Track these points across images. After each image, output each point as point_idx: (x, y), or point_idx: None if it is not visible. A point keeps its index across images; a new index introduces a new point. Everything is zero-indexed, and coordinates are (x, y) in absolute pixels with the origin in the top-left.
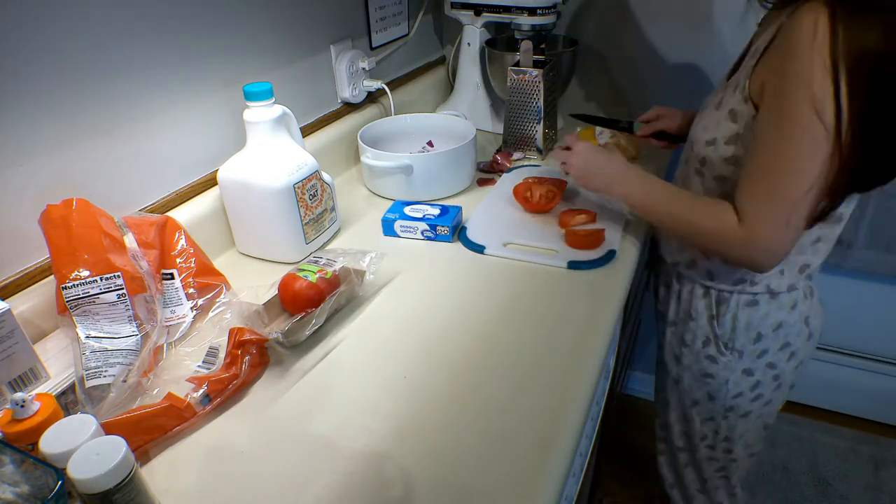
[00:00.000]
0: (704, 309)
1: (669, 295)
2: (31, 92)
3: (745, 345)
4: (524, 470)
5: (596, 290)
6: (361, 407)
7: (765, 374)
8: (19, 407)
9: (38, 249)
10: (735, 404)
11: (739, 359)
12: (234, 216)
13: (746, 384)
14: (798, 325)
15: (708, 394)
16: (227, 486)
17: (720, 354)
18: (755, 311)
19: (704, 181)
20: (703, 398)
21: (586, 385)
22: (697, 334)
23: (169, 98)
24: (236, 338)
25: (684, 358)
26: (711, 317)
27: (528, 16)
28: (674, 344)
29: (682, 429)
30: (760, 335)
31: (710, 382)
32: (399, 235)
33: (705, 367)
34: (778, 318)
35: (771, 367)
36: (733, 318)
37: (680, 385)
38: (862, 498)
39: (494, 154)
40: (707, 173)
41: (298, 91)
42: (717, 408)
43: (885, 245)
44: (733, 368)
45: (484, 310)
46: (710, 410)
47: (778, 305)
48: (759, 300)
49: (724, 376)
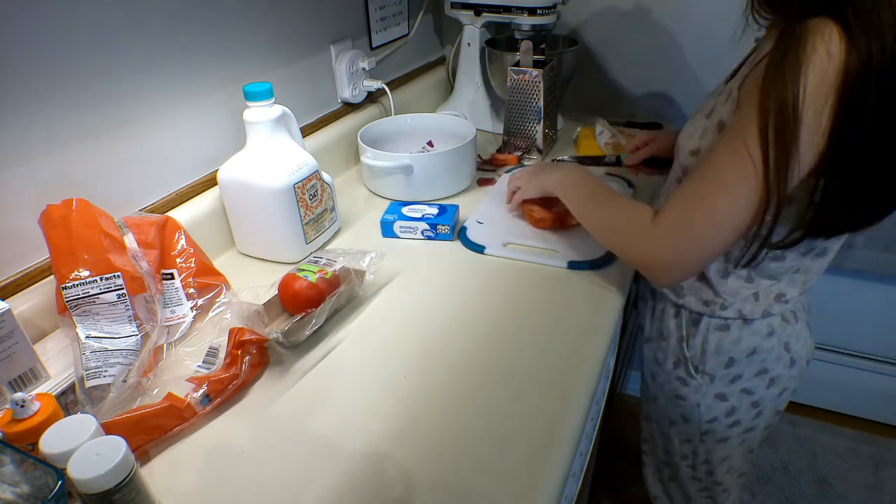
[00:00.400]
0: (675, 329)
1: (646, 309)
2: (31, 92)
3: (715, 369)
4: (524, 470)
5: (596, 290)
6: (361, 407)
7: (740, 399)
8: (19, 407)
9: (38, 249)
10: (710, 429)
11: (711, 383)
12: (234, 216)
13: (720, 409)
14: (776, 350)
15: (682, 415)
16: (227, 486)
17: (689, 377)
18: (726, 335)
19: None
20: (678, 419)
21: (586, 385)
22: (668, 354)
23: (169, 98)
24: (236, 338)
25: (658, 376)
26: (681, 338)
27: (528, 16)
28: (649, 361)
29: (664, 445)
30: (732, 360)
31: (681, 404)
32: (399, 236)
33: (676, 389)
34: (751, 344)
35: (747, 392)
36: (703, 341)
37: (657, 403)
38: (862, 498)
39: (494, 154)
40: None
41: (298, 91)
42: (693, 430)
43: (885, 245)
44: (704, 392)
45: (484, 310)
46: (686, 432)
47: (751, 331)
48: (731, 325)
49: (696, 399)
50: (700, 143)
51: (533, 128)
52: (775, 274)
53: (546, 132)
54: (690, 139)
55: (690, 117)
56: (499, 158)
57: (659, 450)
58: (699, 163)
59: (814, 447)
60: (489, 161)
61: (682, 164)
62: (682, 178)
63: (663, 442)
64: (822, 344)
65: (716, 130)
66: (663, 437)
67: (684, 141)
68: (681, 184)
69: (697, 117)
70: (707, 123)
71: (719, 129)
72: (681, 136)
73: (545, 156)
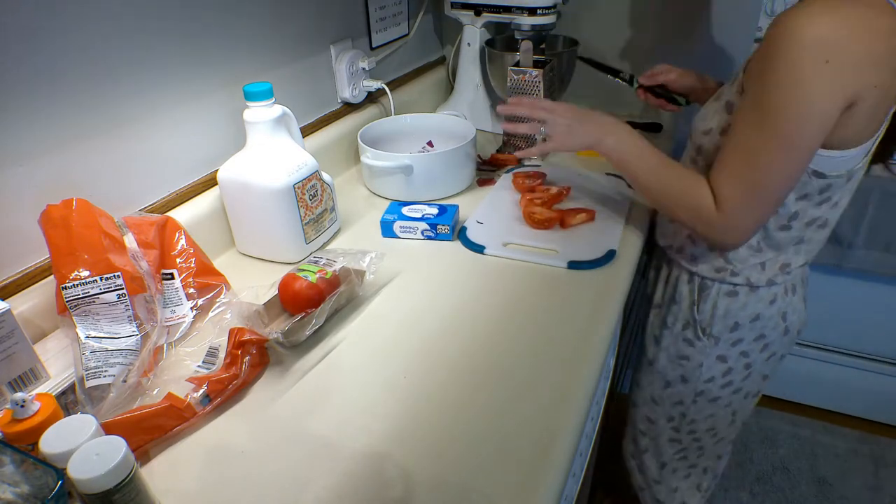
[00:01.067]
0: (687, 294)
1: (658, 278)
2: (31, 92)
3: (721, 332)
4: (524, 470)
5: (596, 291)
6: (361, 407)
7: (737, 361)
8: (19, 407)
9: (38, 249)
10: (706, 388)
11: (715, 345)
12: (234, 216)
13: (719, 370)
14: (775, 319)
15: (681, 376)
16: (227, 486)
17: (697, 339)
18: (734, 301)
19: (698, 169)
20: (675, 380)
21: (586, 385)
22: (679, 317)
23: (169, 98)
24: (236, 338)
25: (664, 339)
26: (693, 302)
27: (528, 16)
28: (655, 325)
29: (649, 412)
30: (737, 324)
31: (684, 364)
32: (399, 236)
33: (682, 349)
34: (756, 311)
35: (744, 355)
36: (713, 305)
37: (654, 366)
38: (862, 498)
39: (494, 154)
40: (701, 161)
41: (298, 91)
42: (688, 391)
43: (884, 245)
44: (708, 353)
45: (484, 310)
46: (680, 393)
47: (757, 298)
48: (739, 291)
49: (699, 360)
50: (711, 124)
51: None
52: (781, 244)
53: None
54: (703, 120)
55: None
56: (499, 158)
57: (639, 417)
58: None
59: (814, 447)
60: (489, 161)
61: (695, 144)
62: (696, 156)
63: (648, 408)
64: (822, 344)
65: (724, 110)
66: (651, 401)
67: (698, 122)
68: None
69: (709, 101)
70: (717, 105)
71: (727, 110)
72: (695, 118)
73: (545, 156)
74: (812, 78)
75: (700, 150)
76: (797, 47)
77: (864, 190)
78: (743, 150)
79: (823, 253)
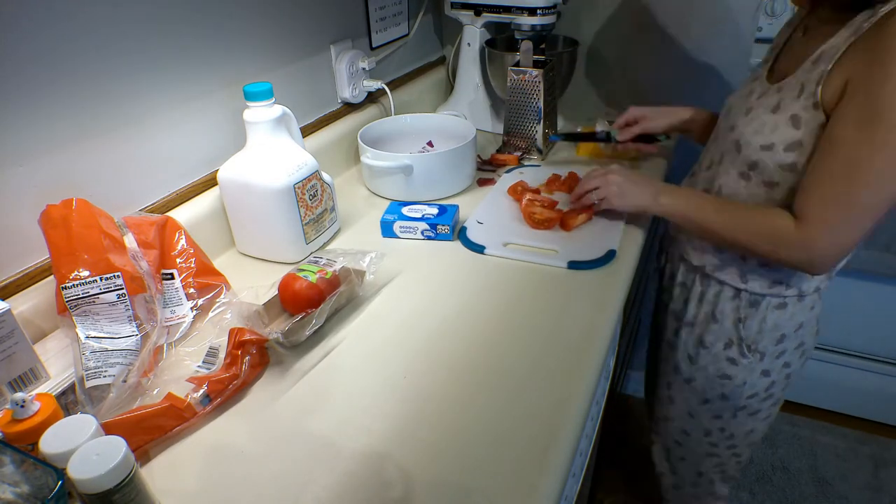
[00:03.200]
0: (731, 311)
1: (689, 295)
2: (31, 92)
3: (767, 346)
4: (524, 470)
5: (596, 291)
6: (361, 407)
7: (780, 373)
8: (19, 407)
9: (38, 249)
10: (748, 404)
11: (760, 360)
12: (234, 216)
13: (762, 385)
14: (812, 324)
15: (722, 394)
16: (227, 486)
17: (742, 356)
18: (783, 313)
19: (750, 185)
20: (715, 398)
21: (586, 385)
22: (720, 336)
23: (169, 98)
24: (236, 338)
25: (701, 359)
26: (738, 319)
27: (528, 16)
28: (689, 344)
29: (683, 425)
30: (784, 336)
31: (726, 383)
32: (398, 237)
33: (723, 369)
34: (801, 319)
35: (786, 366)
36: (761, 320)
37: (692, 384)
38: (862, 498)
39: (494, 154)
40: (755, 177)
41: (298, 91)
42: (728, 406)
43: (885, 245)
44: (753, 370)
45: (484, 310)
46: (719, 409)
47: (802, 307)
48: (788, 302)
49: (743, 378)
50: (772, 138)
51: (533, 128)
52: None
53: (546, 132)
54: (758, 135)
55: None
56: (499, 158)
57: (674, 430)
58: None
59: (814, 447)
60: (489, 161)
61: (748, 158)
62: (749, 172)
63: (683, 422)
64: (823, 344)
65: (789, 125)
66: (687, 415)
67: (750, 136)
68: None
69: (757, 112)
70: (777, 118)
71: (794, 124)
72: (743, 130)
73: (545, 156)
74: None
75: (756, 166)
76: None
77: None
78: (842, 165)
79: None
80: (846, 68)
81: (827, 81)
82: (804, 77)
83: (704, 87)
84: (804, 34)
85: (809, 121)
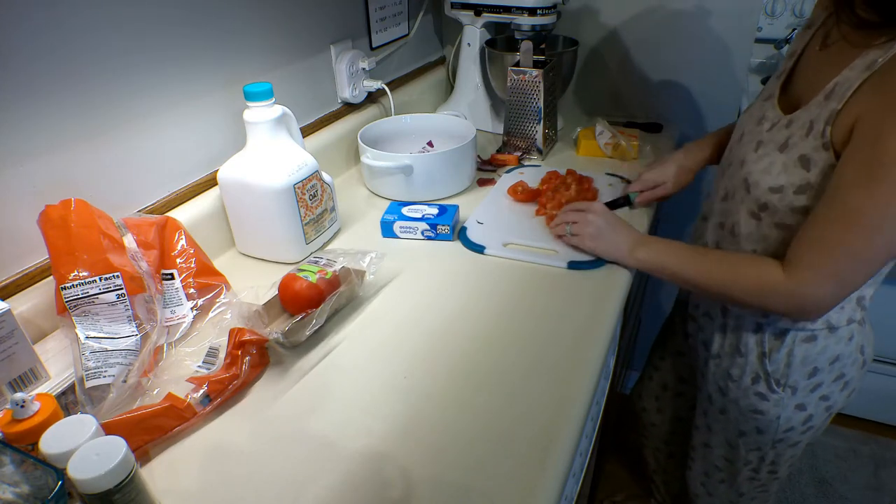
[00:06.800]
0: (755, 345)
1: (713, 325)
2: (30, 92)
3: (798, 381)
4: (524, 470)
5: (596, 291)
6: (361, 407)
7: (817, 406)
8: (19, 407)
9: (38, 250)
10: (785, 437)
11: (792, 395)
12: (235, 216)
13: (798, 419)
14: (853, 355)
15: (756, 427)
16: (227, 486)
17: (771, 392)
18: (813, 346)
19: (761, 226)
20: (750, 430)
21: (586, 385)
22: (746, 370)
23: (169, 98)
24: (236, 338)
25: (730, 392)
26: (762, 354)
27: (528, 16)
28: (718, 376)
29: (725, 453)
30: (816, 370)
31: (758, 418)
32: (399, 237)
33: (754, 404)
34: (835, 352)
35: (824, 399)
36: (788, 353)
37: (726, 415)
38: (862, 498)
39: (494, 154)
40: (766, 219)
41: (298, 91)
42: (766, 440)
43: None
44: (785, 405)
45: (484, 310)
46: (757, 442)
47: (836, 339)
48: (818, 335)
49: (776, 413)
50: (781, 180)
51: (533, 128)
52: None
53: (546, 132)
54: (768, 174)
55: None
56: (499, 158)
57: (715, 456)
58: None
59: (814, 447)
60: (489, 161)
61: (758, 199)
62: (759, 212)
63: (725, 450)
64: None
65: (798, 166)
66: (727, 445)
67: (758, 176)
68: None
69: (767, 149)
70: (786, 159)
71: (803, 165)
72: (751, 168)
73: (545, 156)
74: None
75: (766, 208)
76: None
77: None
78: (840, 212)
79: None
80: (857, 107)
81: (837, 122)
82: (814, 113)
83: (704, 86)
84: (821, 48)
85: (819, 162)
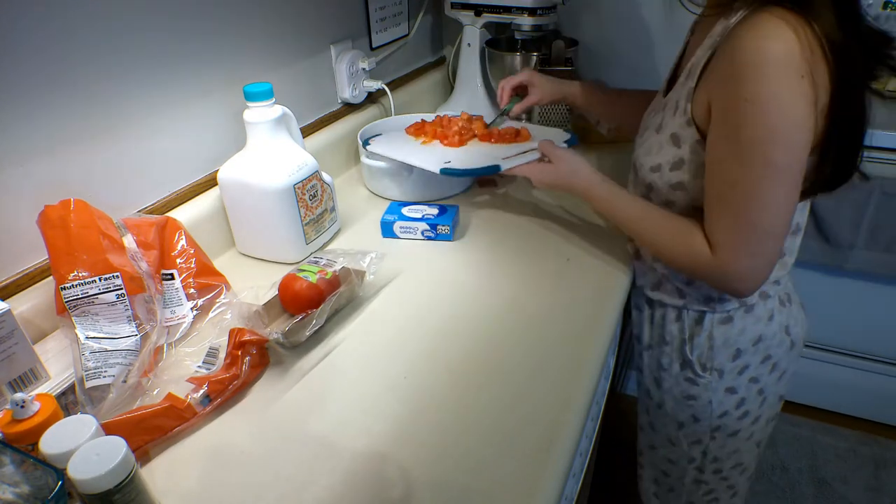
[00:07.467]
0: (677, 332)
1: (642, 317)
2: (29, 92)
3: (723, 363)
4: (524, 470)
5: (596, 290)
6: (362, 407)
7: (748, 389)
8: (19, 407)
9: (38, 250)
10: (721, 423)
11: (720, 378)
12: (235, 216)
13: (731, 402)
14: (778, 335)
15: (692, 416)
16: (227, 486)
17: (698, 376)
18: (730, 327)
19: None
20: (688, 420)
21: (586, 385)
22: (673, 357)
23: (169, 98)
24: (236, 338)
25: (664, 382)
26: (683, 340)
27: (529, 16)
28: (652, 368)
29: (667, 453)
30: (739, 351)
31: (692, 404)
32: (399, 237)
33: (686, 389)
34: (756, 332)
35: (754, 381)
36: (709, 337)
37: (663, 409)
38: (862, 498)
39: None
40: (654, 199)
41: (298, 91)
42: (704, 429)
43: (885, 246)
44: (715, 388)
45: (484, 310)
46: (696, 433)
47: (754, 319)
48: (734, 315)
49: (707, 397)
50: (658, 159)
51: None
52: None
53: None
54: (648, 156)
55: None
56: None
57: (659, 458)
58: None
59: (814, 447)
60: None
61: (644, 181)
62: (648, 194)
63: (667, 450)
64: (823, 344)
65: (670, 143)
66: (669, 443)
67: (642, 158)
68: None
69: (648, 133)
70: (661, 138)
71: (674, 143)
72: (638, 152)
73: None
74: (797, 98)
75: (652, 188)
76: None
77: (864, 191)
78: (731, 190)
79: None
80: (707, 84)
81: (695, 99)
82: (679, 93)
83: None
84: (692, 34)
85: (687, 138)
